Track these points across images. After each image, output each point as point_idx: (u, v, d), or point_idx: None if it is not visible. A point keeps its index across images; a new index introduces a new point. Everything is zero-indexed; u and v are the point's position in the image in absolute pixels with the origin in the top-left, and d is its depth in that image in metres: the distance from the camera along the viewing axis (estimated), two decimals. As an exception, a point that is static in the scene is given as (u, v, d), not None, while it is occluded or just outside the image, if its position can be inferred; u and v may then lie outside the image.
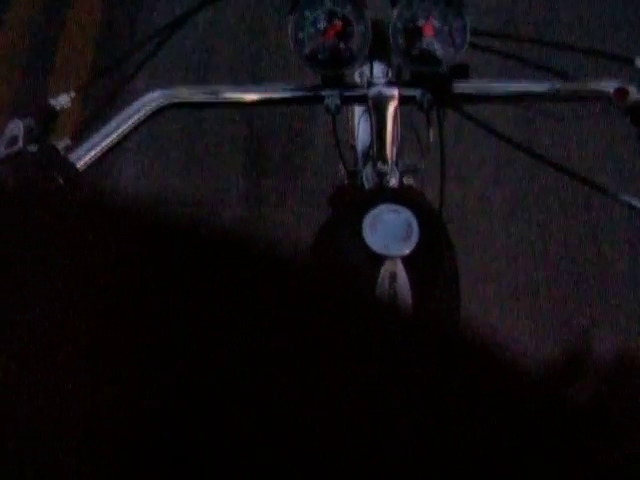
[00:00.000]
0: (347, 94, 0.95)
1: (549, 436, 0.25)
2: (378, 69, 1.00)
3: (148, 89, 0.91)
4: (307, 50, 0.92)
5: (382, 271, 0.86)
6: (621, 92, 0.86)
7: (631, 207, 0.85)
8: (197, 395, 0.24)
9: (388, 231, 0.87)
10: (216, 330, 0.26)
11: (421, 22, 0.90)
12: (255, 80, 2.16)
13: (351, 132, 1.25)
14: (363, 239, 0.86)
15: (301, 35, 0.92)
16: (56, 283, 0.26)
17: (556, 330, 1.80)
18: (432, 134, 1.04)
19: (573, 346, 0.29)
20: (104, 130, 0.88)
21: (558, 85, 0.94)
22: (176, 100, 0.92)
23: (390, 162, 0.99)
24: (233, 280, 0.27)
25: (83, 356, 0.24)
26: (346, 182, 1.19)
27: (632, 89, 0.86)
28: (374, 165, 1.00)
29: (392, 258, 0.86)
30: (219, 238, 0.29)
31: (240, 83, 0.98)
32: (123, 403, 0.23)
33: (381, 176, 1.01)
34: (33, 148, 0.82)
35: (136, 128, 0.89)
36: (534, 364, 0.27)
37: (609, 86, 0.88)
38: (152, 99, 0.91)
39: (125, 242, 0.28)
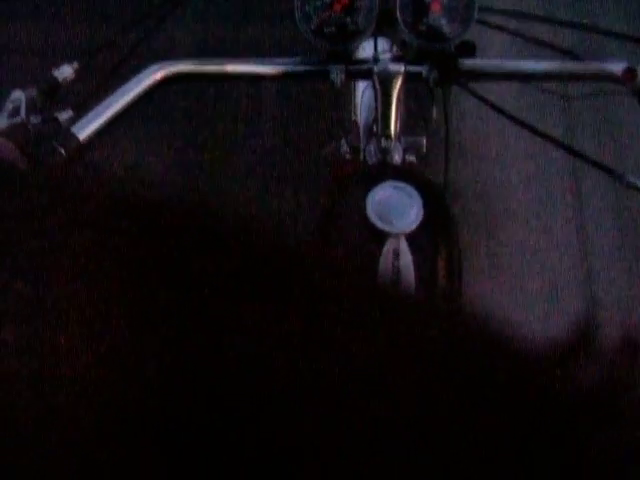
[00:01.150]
0: (353, 69, 0.94)
1: (552, 423, 0.25)
2: (384, 44, 0.99)
3: (152, 61, 0.90)
4: (313, 24, 0.91)
5: (385, 248, 0.86)
6: (630, 73, 0.86)
7: (638, 189, 0.85)
8: (198, 387, 0.24)
9: (391, 208, 0.87)
10: (216, 310, 0.25)
11: None
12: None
13: (354, 107, 1.24)
14: (366, 216, 0.86)
15: (307, 8, 0.91)
16: (56, 260, 0.25)
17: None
18: (435, 111, 1.03)
19: (577, 330, 0.29)
20: (107, 102, 0.87)
21: (566, 65, 0.93)
22: (180, 72, 0.91)
23: (393, 138, 0.99)
24: (233, 259, 0.27)
25: (81, 349, 0.24)
26: (348, 157, 1.18)
27: None
28: (377, 141, 0.99)
29: (395, 235, 0.86)
30: (219, 218, 0.29)
31: (244, 57, 0.97)
32: (122, 398, 0.23)
33: (384, 152, 1.00)
34: (35, 119, 0.82)
35: (139, 100, 0.89)
36: (538, 345, 0.27)
37: (618, 66, 0.87)
38: (156, 71, 0.90)
39: (127, 218, 0.27)
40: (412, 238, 0.86)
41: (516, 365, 0.27)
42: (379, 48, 0.97)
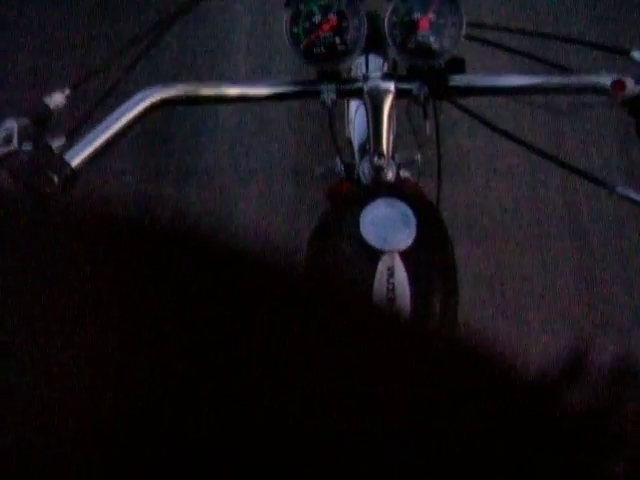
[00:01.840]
0: (343, 88, 0.95)
1: (547, 441, 0.25)
2: (374, 63, 0.99)
3: (143, 86, 0.90)
4: (302, 44, 0.92)
5: (380, 266, 0.86)
6: (619, 84, 0.86)
7: (631, 201, 0.85)
8: (195, 395, 0.24)
9: (385, 225, 0.87)
10: (211, 326, 0.25)
11: (417, 16, 0.90)
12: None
13: (347, 126, 1.25)
14: (360, 234, 0.86)
15: (296, 29, 0.92)
16: (51, 285, 0.26)
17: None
18: (428, 127, 1.03)
19: (574, 350, 0.29)
20: (100, 128, 0.87)
21: (555, 78, 0.94)
22: (171, 97, 0.92)
23: (387, 156, 0.99)
24: (228, 277, 0.27)
25: (80, 357, 0.24)
26: (343, 176, 1.19)
27: (629, 81, 0.86)
28: (371, 159, 1.00)
29: (390, 252, 0.86)
30: (214, 238, 0.29)
31: (235, 80, 0.97)
32: (121, 404, 0.23)
33: (378, 170, 1.01)
34: (28, 147, 0.82)
35: (132, 125, 0.89)
36: (534, 365, 0.27)
37: (606, 79, 0.88)
38: (148, 95, 0.90)
39: (122, 243, 0.28)
40: (406, 255, 0.86)
41: (509, 384, 0.27)
42: (370, 66, 0.97)
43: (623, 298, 1.87)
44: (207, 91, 0.95)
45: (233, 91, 0.96)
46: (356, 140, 1.20)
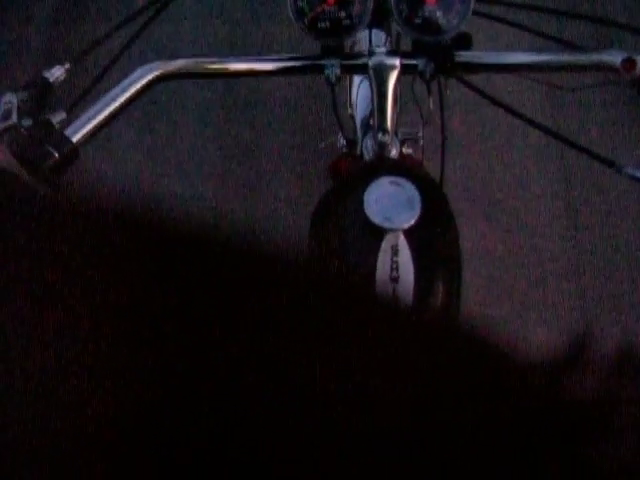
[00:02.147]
0: (347, 63, 0.94)
1: (549, 433, 0.25)
2: (378, 38, 0.98)
3: (144, 60, 0.89)
4: (307, 19, 0.91)
5: (384, 244, 0.85)
6: (629, 63, 0.85)
7: (637, 180, 0.84)
8: (195, 392, 0.24)
9: (389, 204, 0.86)
10: (214, 310, 0.25)
11: None
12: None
13: (350, 101, 1.24)
14: (364, 212, 0.86)
15: (301, 4, 0.90)
16: (49, 268, 0.25)
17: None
18: (432, 103, 1.03)
19: (575, 341, 0.28)
20: (100, 103, 0.86)
21: (564, 55, 0.93)
22: (173, 71, 0.91)
23: (390, 132, 0.98)
24: (231, 260, 0.27)
25: (80, 353, 0.24)
26: (345, 151, 1.18)
27: None
28: (374, 135, 0.99)
29: (394, 231, 0.85)
30: (214, 222, 0.29)
31: (237, 54, 0.96)
32: (121, 402, 0.23)
33: (381, 146, 1.00)
34: (28, 122, 0.81)
35: (132, 100, 0.88)
36: (536, 351, 0.27)
37: (616, 57, 0.87)
38: (149, 70, 0.89)
39: (122, 227, 0.27)
40: (411, 234, 0.85)
41: (512, 369, 0.27)
42: (374, 41, 0.96)
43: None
44: (209, 66, 0.94)
45: (235, 66, 0.95)
46: (359, 116, 1.19)
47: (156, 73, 0.89)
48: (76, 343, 0.24)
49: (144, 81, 0.88)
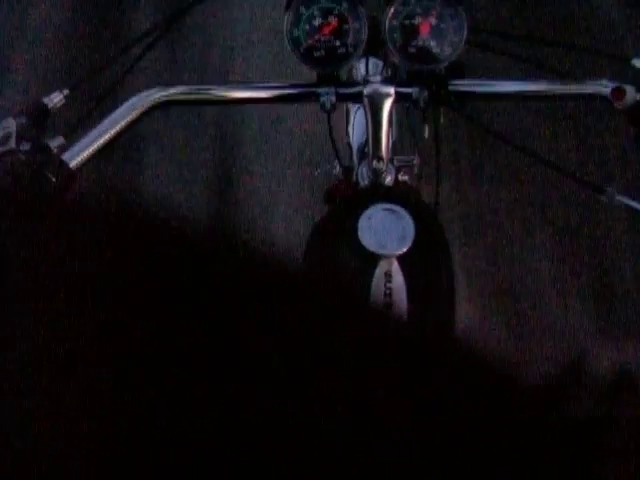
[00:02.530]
0: (343, 92, 0.94)
1: (548, 448, 0.25)
2: (374, 66, 0.99)
3: (142, 87, 0.90)
4: (302, 47, 0.92)
5: (377, 270, 0.86)
6: (619, 92, 0.86)
7: (627, 208, 0.84)
8: (192, 396, 0.24)
9: (383, 230, 0.87)
10: (208, 330, 0.25)
11: (418, 20, 0.90)
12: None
13: (346, 129, 1.24)
14: (358, 238, 0.86)
15: (296, 32, 0.91)
16: (48, 286, 0.25)
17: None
18: (427, 131, 1.04)
19: (573, 359, 0.29)
20: (98, 129, 0.87)
21: (555, 85, 0.94)
22: (170, 98, 0.92)
23: (385, 159, 0.99)
24: (226, 281, 0.27)
25: (78, 360, 0.24)
26: (341, 178, 1.19)
27: (629, 89, 0.86)
28: (369, 162, 1.00)
29: (387, 257, 0.86)
30: (211, 239, 0.29)
31: (233, 82, 0.97)
32: (119, 404, 0.23)
33: (376, 174, 1.00)
34: (26, 147, 0.81)
35: (130, 127, 0.89)
36: (534, 371, 0.27)
37: (606, 86, 0.88)
38: (146, 97, 0.90)
39: (119, 245, 0.27)
40: (404, 260, 0.86)
41: (507, 390, 0.27)
42: (370, 69, 0.97)
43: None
44: (206, 93, 0.95)
45: (232, 94, 0.95)
46: (355, 143, 1.20)
47: (153, 100, 0.90)
48: (76, 344, 0.24)
49: (142, 107, 0.89)
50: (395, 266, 0.86)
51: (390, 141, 0.99)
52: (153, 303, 0.26)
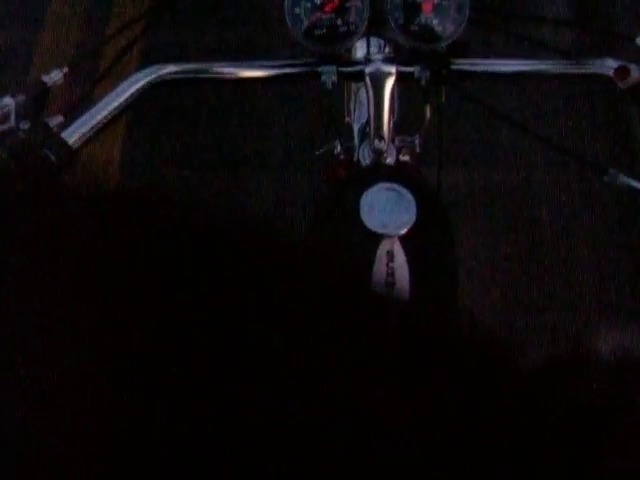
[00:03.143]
0: (344, 70, 0.94)
1: (549, 435, 0.25)
2: (375, 45, 0.99)
3: (143, 65, 0.90)
4: (303, 26, 0.91)
5: (379, 250, 0.86)
6: (622, 71, 0.85)
7: (631, 189, 0.84)
8: (192, 391, 0.24)
9: (385, 210, 0.87)
10: (208, 317, 0.25)
11: None
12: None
13: (347, 108, 1.24)
14: (360, 218, 0.86)
15: (297, 10, 0.91)
16: (48, 269, 0.25)
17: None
18: (429, 111, 1.03)
19: (574, 345, 0.29)
20: (97, 107, 0.87)
21: (558, 64, 0.93)
22: (170, 76, 0.91)
23: (387, 139, 0.99)
24: (226, 264, 0.27)
25: (80, 348, 0.24)
26: (342, 158, 1.18)
27: (633, 68, 0.85)
28: (371, 142, 0.99)
29: (389, 237, 0.86)
30: (210, 222, 0.29)
31: (234, 60, 0.97)
32: (118, 402, 0.23)
33: (378, 153, 1.00)
34: (25, 125, 0.81)
35: (129, 105, 0.88)
36: (538, 358, 0.27)
37: (610, 65, 0.87)
38: (145, 75, 0.90)
39: (118, 224, 0.27)
40: (406, 239, 0.86)
41: (510, 372, 0.27)
42: (371, 48, 0.96)
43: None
44: (206, 71, 0.94)
45: (232, 72, 0.95)
46: (356, 123, 1.20)
47: (152, 77, 0.90)
48: (76, 345, 0.24)
49: (141, 85, 0.89)
50: (397, 245, 0.86)
51: (392, 121, 0.99)
52: (152, 290, 0.26)
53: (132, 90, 0.88)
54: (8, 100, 0.82)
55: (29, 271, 0.25)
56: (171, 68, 0.91)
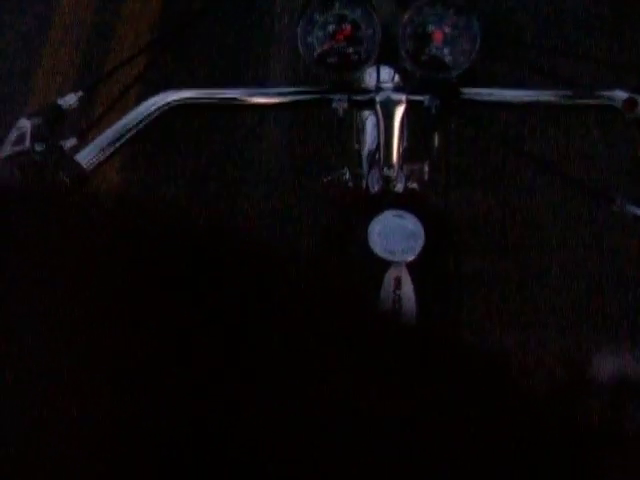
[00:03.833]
0: (355, 98, 0.95)
1: (554, 451, 0.25)
2: (386, 73, 1.00)
3: (156, 90, 0.91)
4: (316, 53, 0.92)
5: (387, 276, 0.86)
6: (630, 103, 0.86)
7: (637, 218, 0.84)
8: (191, 395, 0.24)
9: (393, 236, 0.87)
10: (213, 333, 0.25)
11: (431, 28, 0.90)
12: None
13: (356, 136, 1.25)
14: (368, 244, 0.86)
15: (310, 39, 0.92)
16: (58, 285, 0.26)
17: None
18: (437, 139, 1.04)
19: (578, 361, 0.29)
20: (111, 130, 0.88)
21: (566, 94, 0.94)
22: (184, 102, 0.92)
23: (396, 167, 0.99)
24: (229, 261, 0.27)
25: (80, 348, 0.24)
26: (350, 185, 1.19)
27: None
28: (380, 169, 1.00)
29: (397, 263, 0.86)
30: (224, 240, 0.29)
31: (248, 86, 0.98)
32: (117, 403, 0.23)
33: (386, 180, 1.01)
34: (40, 147, 0.82)
35: (143, 129, 0.89)
36: (541, 378, 0.27)
37: (618, 96, 0.88)
38: (160, 100, 0.91)
39: (130, 244, 0.28)
40: (414, 266, 0.86)
41: (513, 394, 0.27)
42: (382, 77, 0.97)
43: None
44: (220, 97, 0.95)
45: (245, 98, 0.96)
46: (365, 150, 1.20)
47: (166, 102, 0.91)
48: (76, 345, 0.24)
49: (155, 109, 0.90)
50: (405, 272, 0.86)
51: (401, 148, 1.00)
52: (152, 289, 0.26)
53: (146, 114, 0.89)
54: (24, 122, 0.83)
55: (29, 271, 0.25)
56: (185, 93, 0.92)
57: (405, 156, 1.05)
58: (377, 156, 1.00)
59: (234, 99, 0.95)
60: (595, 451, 0.26)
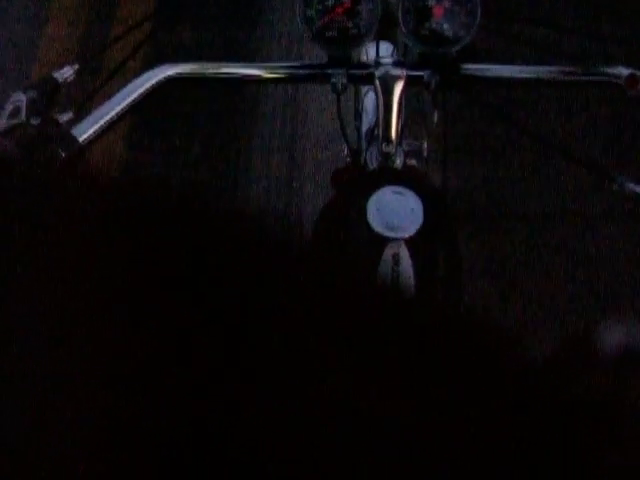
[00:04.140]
0: (354, 73, 0.94)
1: (552, 431, 0.25)
2: (385, 49, 0.99)
3: (152, 63, 0.90)
4: (315, 28, 0.91)
5: (385, 253, 0.86)
6: (633, 79, 0.86)
7: (637, 196, 0.84)
8: (192, 391, 0.24)
9: (392, 213, 0.87)
10: (213, 310, 0.25)
11: (431, 2, 0.90)
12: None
13: (355, 111, 1.24)
14: (367, 220, 0.86)
15: (309, 12, 0.91)
16: (54, 261, 0.25)
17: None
18: (436, 116, 1.03)
19: (577, 340, 0.29)
20: (107, 104, 0.87)
21: (568, 71, 0.93)
22: (180, 75, 0.91)
23: (395, 143, 0.99)
24: (227, 266, 0.27)
25: (80, 348, 0.24)
26: (349, 161, 1.18)
27: None
28: (379, 145, 0.99)
29: (395, 240, 0.86)
30: (221, 218, 0.29)
31: (244, 60, 0.97)
32: (117, 401, 0.23)
33: (385, 157, 1.00)
34: (36, 121, 0.81)
35: (139, 102, 0.88)
36: (539, 355, 0.27)
37: (621, 73, 0.87)
38: (156, 73, 0.90)
39: (125, 218, 0.27)
40: (412, 243, 0.86)
41: (512, 371, 0.27)
42: (381, 52, 0.97)
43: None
44: (216, 71, 0.94)
45: (243, 72, 0.95)
46: (364, 126, 1.20)
47: (163, 76, 0.90)
48: (76, 344, 0.24)
49: (151, 83, 0.89)
50: (403, 249, 0.86)
51: (400, 124, 0.99)
52: (152, 289, 0.26)
53: (143, 88, 0.89)
54: (20, 95, 0.82)
55: (28, 270, 0.25)
56: (181, 67, 0.92)
57: (404, 132, 1.05)
58: (376, 132, 1.00)
59: (232, 73, 0.95)
60: (597, 427, 0.26)
